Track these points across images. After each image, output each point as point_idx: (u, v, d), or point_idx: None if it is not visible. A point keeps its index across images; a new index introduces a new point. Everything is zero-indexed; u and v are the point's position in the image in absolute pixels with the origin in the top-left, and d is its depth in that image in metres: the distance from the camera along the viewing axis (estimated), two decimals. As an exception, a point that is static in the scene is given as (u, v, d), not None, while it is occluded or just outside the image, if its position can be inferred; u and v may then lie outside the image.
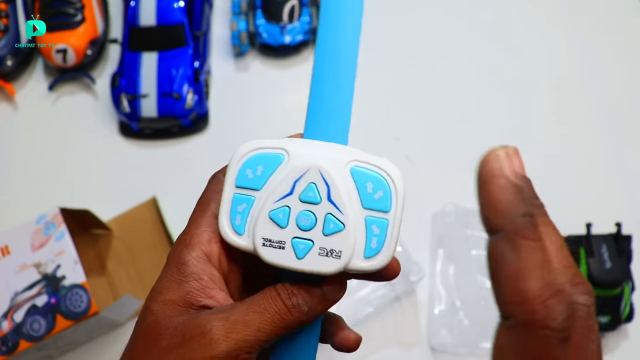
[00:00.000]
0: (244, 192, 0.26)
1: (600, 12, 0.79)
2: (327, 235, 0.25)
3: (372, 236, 0.25)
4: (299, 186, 0.25)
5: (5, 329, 0.50)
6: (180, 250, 0.26)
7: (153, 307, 0.25)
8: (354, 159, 0.26)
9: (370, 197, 0.25)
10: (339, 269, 0.25)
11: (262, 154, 0.26)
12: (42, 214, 0.54)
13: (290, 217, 0.25)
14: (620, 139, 0.71)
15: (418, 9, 0.78)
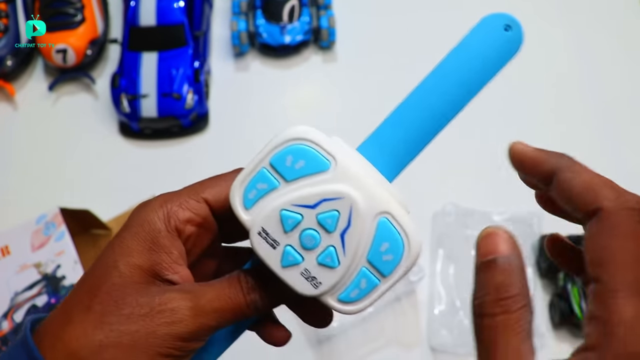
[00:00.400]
0: (272, 173, 0.25)
1: (599, 12, 0.79)
2: (319, 264, 0.25)
3: (356, 287, 0.25)
4: (324, 206, 0.24)
5: (5, 329, 0.50)
6: (157, 216, 0.26)
7: (121, 268, 0.25)
8: (389, 212, 0.25)
9: (379, 255, 0.25)
10: (310, 295, 0.25)
11: (312, 150, 0.25)
12: (42, 214, 0.54)
13: (297, 227, 0.25)
14: (618, 138, 0.71)
15: (416, 9, 0.78)
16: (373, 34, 0.77)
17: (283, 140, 0.25)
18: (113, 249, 0.26)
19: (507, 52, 0.27)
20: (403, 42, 0.76)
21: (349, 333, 0.59)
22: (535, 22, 0.78)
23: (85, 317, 0.24)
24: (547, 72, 0.75)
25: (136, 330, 0.24)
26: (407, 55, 0.76)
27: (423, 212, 0.64)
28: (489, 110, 0.72)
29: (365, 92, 0.74)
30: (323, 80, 0.75)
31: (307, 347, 0.58)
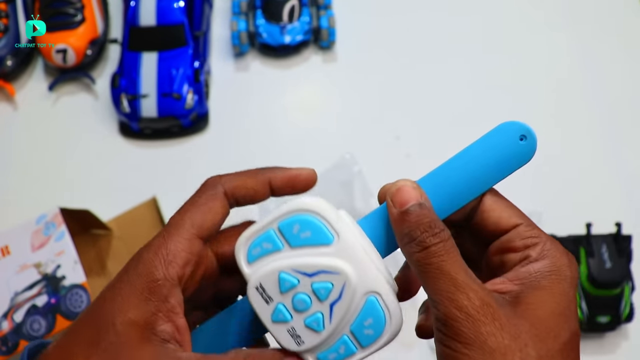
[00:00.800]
0: (278, 236, 0.27)
1: (600, 13, 0.79)
2: (305, 325, 0.27)
3: (335, 351, 0.27)
4: (321, 277, 0.26)
5: (5, 329, 0.50)
6: (154, 264, 0.26)
7: (118, 327, 0.25)
8: (378, 292, 0.27)
9: (361, 327, 0.27)
10: (292, 350, 0.27)
11: (319, 224, 0.27)
12: (42, 214, 0.54)
13: (292, 290, 0.27)
14: (620, 139, 0.71)
15: (416, 9, 0.78)
16: (373, 34, 0.77)
17: (294, 208, 0.27)
18: (113, 300, 0.26)
19: (519, 160, 0.29)
20: (403, 42, 0.76)
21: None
22: (535, 23, 0.78)
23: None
24: (548, 74, 0.75)
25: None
26: (407, 55, 0.76)
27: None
28: (489, 109, 0.72)
29: (365, 92, 0.74)
30: (323, 80, 0.75)
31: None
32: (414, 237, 0.25)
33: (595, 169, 0.69)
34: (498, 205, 0.28)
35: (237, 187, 0.28)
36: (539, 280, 0.25)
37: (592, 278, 0.56)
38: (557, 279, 0.25)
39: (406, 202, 0.26)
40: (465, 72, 0.74)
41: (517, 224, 0.27)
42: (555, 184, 0.68)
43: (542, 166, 0.68)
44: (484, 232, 0.28)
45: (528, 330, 0.24)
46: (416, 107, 0.73)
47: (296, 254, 0.27)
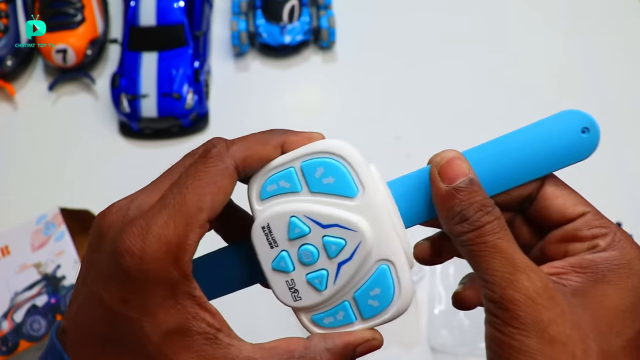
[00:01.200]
0: (298, 176, 0.25)
1: (600, 13, 0.79)
2: (307, 281, 0.25)
3: (332, 315, 0.25)
4: (335, 230, 0.24)
5: (5, 329, 0.50)
6: (169, 266, 0.22)
7: (154, 339, 0.22)
8: (393, 262, 0.24)
9: (366, 297, 0.25)
10: (287, 304, 0.25)
11: (345, 172, 0.24)
12: (42, 214, 0.54)
13: (300, 239, 0.24)
14: (620, 139, 0.71)
15: (416, 9, 0.78)
16: (373, 34, 0.77)
17: (322, 149, 0.25)
18: (139, 320, 0.22)
19: (578, 154, 0.26)
20: (403, 42, 0.76)
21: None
22: (535, 23, 0.78)
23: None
24: (547, 74, 0.75)
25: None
26: (407, 55, 0.76)
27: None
28: (489, 109, 0.72)
29: (365, 92, 0.74)
30: (323, 80, 0.75)
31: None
32: (467, 216, 0.23)
33: (595, 169, 0.69)
34: (562, 193, 0.26)
35: (248, 157, 0.25)
36: (605, 273, 0.23)
37: (592, 278, 0.56)
38: (626, 273, 0.23)
39: (456, 177, 0.24)
40: (465, 71, 0.74)
41: (584, 212, 0.26)
42: (555, 184, 0.68)
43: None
44: (545, 219, 0.26)
45: (589, 321, 0.22)
46: (416, 106, 0.73)
47: (314, 200, 0.24)
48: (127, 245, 0.22)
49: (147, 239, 0.22)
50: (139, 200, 0.24)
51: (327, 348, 0.24)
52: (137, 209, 0.24)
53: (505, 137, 0.27)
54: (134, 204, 0.24)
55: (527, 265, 0.22)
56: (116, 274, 0.22)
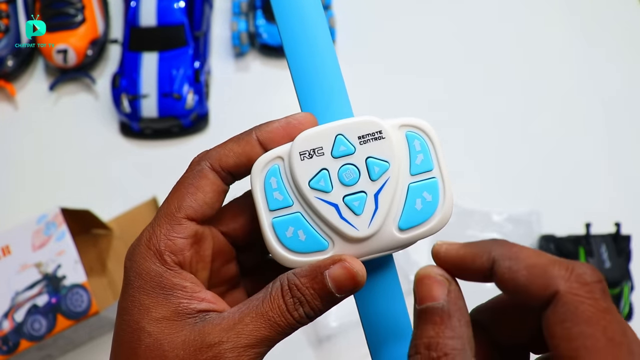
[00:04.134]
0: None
1: (600, 12, 0.79)
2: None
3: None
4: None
5: (6, 328, 0.50)
6: (150, 262, 0.25)
7: (148, 328, 0.24)
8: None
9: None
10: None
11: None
12: (43, 214, 0.54)
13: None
14: (620, 139, 0.71)
15: (416, 10, 0.78)
16: (373, 34, 0.77)
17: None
18: (129, 311, 0.25)
19: None
20: (403, 42, 0.76)
21: (349, 333, 0.59)
22: (534, 22, 0.78)
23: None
24: (548, 75, 0.75)
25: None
26: (407, 56, 0.76)
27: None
28: (488, 112, 0.72)
29: (365, 92, 0.74)
30: (323, 80, 0.75)
31: (307, 347, 0.58)
32: (411, 348, 0.23)
33: (595, 169, 0.69)
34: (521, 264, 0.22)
35: (223, 156, 0.26)
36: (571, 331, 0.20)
37: (591, 278, 0.56)
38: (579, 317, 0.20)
39: (423, 299, 0.24)
40: (465, 72, 0.74)
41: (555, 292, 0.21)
42: (555, 184, 0.68)
43: (542, 166, 0.68)
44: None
45: None
46: (416, 106, 0.73)
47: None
48: (126, 256, 0.26)
49: (138, 245, 0.26)
50: None
51: (293, 272, 0.25)
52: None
53: None
54: None
55: None
56: (123, 283, 0.26)
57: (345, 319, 0.58)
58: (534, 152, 0.70)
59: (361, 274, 0.25)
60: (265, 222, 0.26)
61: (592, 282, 0.20)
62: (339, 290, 0.24)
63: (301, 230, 0.25)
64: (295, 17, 0.27)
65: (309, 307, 0.24)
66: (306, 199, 0.25)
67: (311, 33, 0.27)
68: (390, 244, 0.26)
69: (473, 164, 0.69)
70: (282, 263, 0.26)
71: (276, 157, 0.26)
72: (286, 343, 0.28)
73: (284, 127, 0.26)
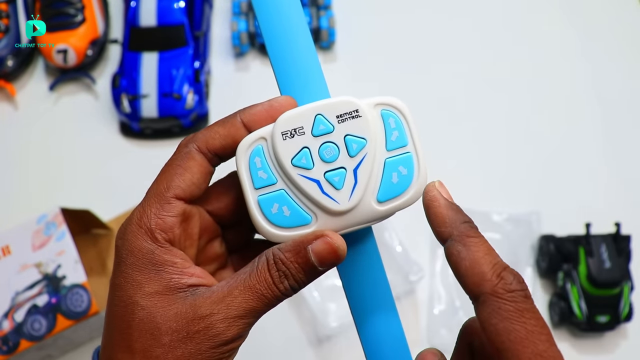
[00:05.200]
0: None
1: (600, 13, 0.79)
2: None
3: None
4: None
5: (6, 328, 0.50)
6: (142, 239, 0.26)
7: (141, 302, 0.25)
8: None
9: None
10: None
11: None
12: (43, 214, 0.54)
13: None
14: (620, 139, 0.71)
15: (416, 9, 0.78)
16: (373, 34, 0.77)
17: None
18: (121, 287, 0.26)
19: None
20: (403, 42, 0.76)
21: (349, 333, 0.59)
22: (534, 22, 0.78)
23: (132, 358, 0.25)
24: (548, 75, 0.75)
25: (182, 354, 0.25)
26: (407, 56, 0.76)
27: (423, 212, 0.64)
28: (488, 111, 0.72)
29: (365, 92, 0.74)
30: (323, 80, 0.75)
31: (307, 347, 0.58)
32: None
33: (595, 169, 0.69)
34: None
35: (209, 138, 0.27)
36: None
37: (591, 278, 0.56)
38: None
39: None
40: (464, 71, 0.74)
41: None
42: (555, 184, 0.68)
43: (542, 166, 0.68)
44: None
45: None
46: (416, 106, 0.72)
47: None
48: (117, 235, 0.27)
49: (129, 224, 0.27)
50: None
51: (278, 247, 0.26)
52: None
53: None
54: None
55: None
56: (115, 261, 0.27)
57: (345, 319, 0.58)
58: (534, 152, 0.70)
59: (342, 248, 0.26)
60: (251, 200, 0.27)
61: (514, 290, 0.23)
62: (321, 264, 0.26)
63: (285, 206, 0.27)
64: (272, 7, 0.28)
65: (293, 280, 0.26)
66: (289, 176, 0.26)
67: (288, 19, 0.28)
68: (370, 216, 0.27)
69: (473, 163, 0.69)
70: (269, 238, 0.27)
71: (259, 137, 0.27)
72: (286, 343, 0.28)
73: (266, 109, 0.27)
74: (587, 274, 0.57)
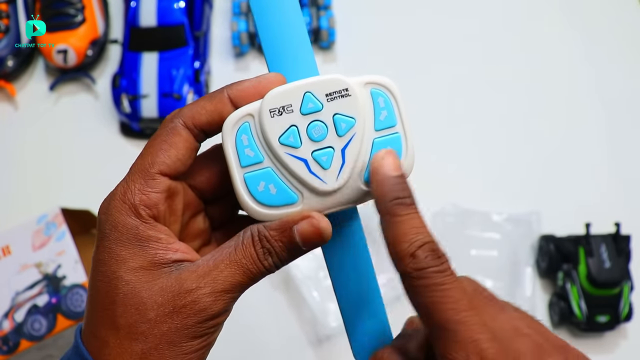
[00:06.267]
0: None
1: (600, 13, 0.79)
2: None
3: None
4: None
5: (6, 328, 0.50)
6: (126, 214, 0.26)
7: (125, 277, 0.25)
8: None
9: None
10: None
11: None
12: (43, 214, 0.54)
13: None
14: (620, 139, 0.71)
15: (416, 10, 0.78)
16: (373, 34, 0.77)
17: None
18: (105, 262, 0.26)
19: None
20: (403, 42, 0.77)
21: (349, 333, 0.59)
22: (534, 22, 0.78)
23: (117, 334, 0.25)
24: (548, 75, 0.75)
25: (168, 329, 0.25)
26: (407, 56, 0.76)
27: (423, 212, 0.64)
28: (489, 111, 0.72)
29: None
30: (323, 80, 0.75)
31: (307, 347, 0.58)
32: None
33: (595, 169, 0.69)
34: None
35: (196, 114, 0.27)
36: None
37: (591, 278, 0.56)
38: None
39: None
40: (464, 72, 0.74)
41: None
42: (555, 184, 0.68)
43: (542, 166, 0.68)
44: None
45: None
46: (416, 106, 0.72)
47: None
48: (100, 209, 0.27)
49: (112, 199, 0.27)
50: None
51: (263, 225, 0.26)
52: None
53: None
54: None
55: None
56: (97, 236, 0.27)
57: (345, 319, 0.58)
58: (534, 152, 0.70)
59: (327, 230, 0.26)
60: (238, 178, 0.26)
61: (423, 268, 0.24)
62: (305, 244, 0.26)
63: (272, 185, 0.26)
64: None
65: (277, 258, 0.26)
66: (276, 154, 0.26)
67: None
68: (357, 197, 0.27)
69: (473, 163, 0.69)
70: (255, 216, 0.27)
71: (247, 114, 0.26)
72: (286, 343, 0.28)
73: (254, 85, 0.27)
74: (587, 274, 0.57)
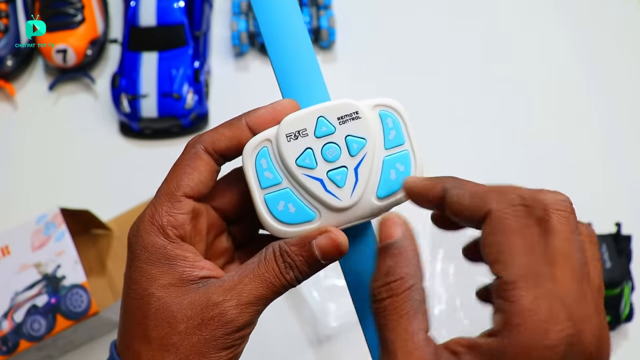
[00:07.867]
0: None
1: (598, 12, 0.79)
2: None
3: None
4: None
5: (5, 328, 0.50)
6: (154, 236, 0.28)
7: (156, 293, 0.27)
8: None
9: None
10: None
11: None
12: (43, 214, 0.54)
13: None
14: (620, 139, 0.71)
15: (416, 10, 0.78)
16: (373, 34, 0.77)
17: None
18: (136, 281, 0.28)
19: None
20: (403, 42, 0.76)
21: (349, 333, 0.59)
22: (534, 22, 0.78)
23: (149, 347, 0.26)
24: (548, 74, 0.75)
25: (197, 341, 0.26)
26: (407, 56, 0.76)
27: (423, 212, 0.64)
28: (488, 111, 0.72)
29: (365, 92, 0.73)
30: (323, 80, 0.75)
31: (307, 347, 0.58)
32: (372, 283, 0.26)
33: (595, 169, 0.69)
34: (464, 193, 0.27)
35: (216, 140, 0.29)
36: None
37: (591, 278, 0.56)
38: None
39: (385, 238, 0.26)
40: (464, 71, 0.74)
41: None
42: (554, 184, 0.67)
43: (542, 166, 0.68)
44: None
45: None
46: (416, 107, 0.72)
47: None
48: (130, 232, 0.29)
49: (141, 221, 0.28)
50: None
51: (284, 241, 0.28)
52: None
53: None
54: None
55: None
56: (128, 257, 0.28)
57: (345, 319, 0.58)
58: (534, 152, 0.69)
59: (344, 244, 0.27)
60: (258, 199, 0.28)
61: (517, 204, 0.24)
62: (324, 257, 0.27)
63: (291, 204, 0.28)
64: (272, 12, 0.30)
65: (298, 272, 0.27)
66: (294, 175, 0.28)
67: (287, 25, 0.30)
68: (371, 211, 0.29)
69: (472, 164, 0.68)
70: (276, 234, 0.28)
71: (265, 139, 0.28)
72: (286, 343, 0.28)
73: (270, 112, 0.29)
74: (587, 274, 0.57)
